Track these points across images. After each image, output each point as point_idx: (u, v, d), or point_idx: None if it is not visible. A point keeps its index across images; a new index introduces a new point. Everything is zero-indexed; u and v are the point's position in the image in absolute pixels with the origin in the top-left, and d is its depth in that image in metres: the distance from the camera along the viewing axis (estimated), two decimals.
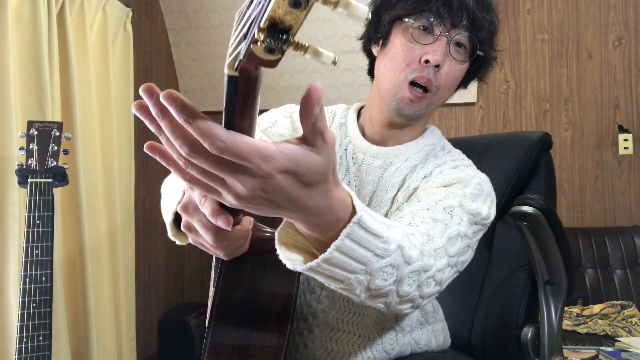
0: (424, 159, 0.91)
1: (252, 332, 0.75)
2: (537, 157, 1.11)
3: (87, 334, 1.84)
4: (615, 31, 2.69)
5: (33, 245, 1.27)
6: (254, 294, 0.75)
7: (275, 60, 0.33)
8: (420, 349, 0.93)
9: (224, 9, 2.75)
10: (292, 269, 0.53)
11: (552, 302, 1.02)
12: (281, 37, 0.31)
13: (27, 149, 1.34)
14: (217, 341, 0.74)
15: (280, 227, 0.56)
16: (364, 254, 0.52)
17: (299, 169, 0.40)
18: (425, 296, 0.67)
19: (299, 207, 0.44)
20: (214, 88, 2.98)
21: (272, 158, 0.39)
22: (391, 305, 0.63)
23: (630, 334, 2.07)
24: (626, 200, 2.66)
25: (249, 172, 0.39)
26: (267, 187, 0.41)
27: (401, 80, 0.84)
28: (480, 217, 0.80)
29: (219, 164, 0.39)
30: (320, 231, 0.50)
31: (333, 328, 0.87)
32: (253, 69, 0.36)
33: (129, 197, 2.26)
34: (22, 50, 1.63)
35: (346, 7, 0.30)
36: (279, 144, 0.40)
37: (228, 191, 0.42)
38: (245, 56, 0.33)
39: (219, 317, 0.73)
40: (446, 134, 1.04)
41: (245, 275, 0.74)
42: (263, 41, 0.31)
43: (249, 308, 0.74)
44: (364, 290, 0.57)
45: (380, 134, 0.93)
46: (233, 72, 0.36)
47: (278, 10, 0.30)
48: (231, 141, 0.37)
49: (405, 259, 0.59)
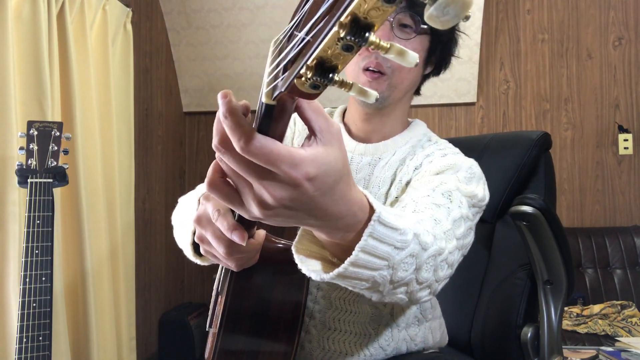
0: (411, 151, 0.93)
1: (262, 339, 0.75)
2: (536, 157, 1.12)
3: (87, 334, 1.84)
4: (615, 31, 2.69)
5: (33, 245, 1.27)
6: (263, 303, 0.75)
7: (316, 94, 0.34)
8: (416, 345, 0.93)
9: (224, 9, 2.75)
10: (319, 280, 0.53)
11: (551, 302, 1.03)
12: (328, 76, 0.31)
13: (27, 149, 1.34)
14: (226, 348, 0.74)
15: (296, 241, 0.56)
16: (385, 249, 0.52)
17: (323, 173, 0.40)
18: (441, 280, 0.67)
19: (323, 215, 0.44)
20: (214, 88, 2.98)
21: (301, 164, 0.38)
22: (412, 294, 0.64)
23: (630, 334, 2.07)
24: (626, 200, 2.66)
25: (278, 179, 0.39)
26: (294, 197, 0.40)
27: (357, 70, 0.88)
28: (477, 199, 0.82)
29: (247, 165, 0.39)
30: (340, 235, 0.50)
31: (330, 328, 0.88)
32: (290, 99, 0.37)
33: (129, 197, 2.27)
34: (22, 50, 1.63)
35: (399, 54, 0.30)
36: (301, 149, 0.40)
37: (254, 199, 0.42)
38: (287, 89, 0.33)
39: (229, 325, 0.73)
40: (446, 134, 1.04)
41: (256, 284, 0.74)
42: (309, 78, 0.31)
43: (259, 316, 0.75)
44: (387, 283, 0.57)
45: (363, 129, 0.95)
46: (271, 101, 0.36)
47: (328, 51, 0.29)
48: (259, 142, 0.37)
49: (422, 245, 0.59)
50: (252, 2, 2.71)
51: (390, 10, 0.27)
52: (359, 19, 0.27)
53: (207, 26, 2.82)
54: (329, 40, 0.28)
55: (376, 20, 0.28)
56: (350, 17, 0.27)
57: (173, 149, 2.96)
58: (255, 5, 2.72)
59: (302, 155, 0.39)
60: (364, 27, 0.28)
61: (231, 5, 2.74)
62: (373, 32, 0.28)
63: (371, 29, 0.28)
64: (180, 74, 2.96)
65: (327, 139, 0.41)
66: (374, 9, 0.27)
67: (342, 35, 0.28)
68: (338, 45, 0.29)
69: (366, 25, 0.28)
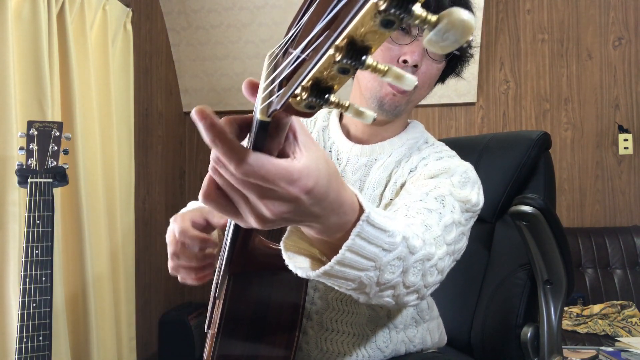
0: (407, 153, 0.93)
1: (260, 343, 0.75)
2: (536, 157, 1.12)
3: (87, 333, 1.84)
4: (615, 31, 2.69)
5: (33, 245, 1.27)
6: (261, 307, 0.75)
7: (311, 113, 0.33)
8: (414, 347, 0.93)
9: (224, 9, 2.76)
10: (305, 277, 0.53)
11: (551, 302, 1.02)
12: (323, 97, 0.31)
13: (27, 149, 1.34)
14: (225, 352, 0.74)
15: (285, 237, 0.56)
16: (372, 250, 0.52)
17: (317, 181, 0.40)
18: (429, 285, 0.67)
19: (316, 219, 0.44)
20: (214, 88, 2.98)
21: (299, 178, 0.38)
22: (399, 298, 0.64)
23: (630, 334, 2.07)
24: (626, 200, 2.66)
25: (276, 196, 0.39)
26: (292, 210, 0.41)
27: (381, 80, 0.86)
28: (470, 204, 0.81)
29: (243, 183, 0.39)
30: (329, 234, 0.50)
31: (327, 329, 0.88)
32: (285, 116, 0.36)
33: (129, 197, 2.27)
34: (22, 50, 1.64)
35: (396, 77, 0.29)
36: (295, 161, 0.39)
37: (251, 213, 0.42)
38: (282, 107, 0.32)
39: (227, 329, 0.73)
40: (446, 134, 1.05)
41: (253, 288, 0.74)
42: (305, 99, 0.30)
43: (257, 320, 0.75)
44: (374, 285, 0.57)
45: (363, 131, 0.95)
46: (265, 117, 0.35)
47: (324, 73, 0.29)
48: (255, 163, 0.37)
49: (410, 249, 0.59)
50: (252, 2, 2.71)
51: (388, 34, 0.26)
52: (355, 42, 0.27)
53: (207, 26, 2.82)
54: (324, 62, 0.28)
55: (373, 43, 0.27)
56: (347, 40, 0.26)
57: (173, 149, 2.96)
58: (255, 5, 2.72)
59: (298, 169, 0.38)
60: (361, 50, 0.27)
61: (231, 5, 2.74)
62: (370, 55, 0.27)
63: (368, 51, 0.27)
64: (180, 74, 2.96)
65: (306, 141, 0.41)
66: (370, 32, 0.26)
67: (338, 59, 0.27)
68: (334, 67, 0.28)
69: (363, 48, 0.27)
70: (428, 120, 2.86)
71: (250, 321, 0.75)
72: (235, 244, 0.69)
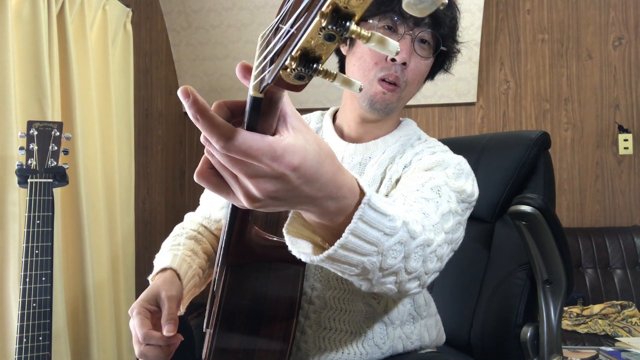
0: (401, 149, 0.95)
1: (257, 337, 0.75)
2: (535, 157, 1.12)
3: (87, 333, 1.84)
4: (615, 31, 2.69)
5: (33, 245, 1.27)
6: (258, 300, 0.75)
7: (301, 85, 0.35)
8: (412, 344, 0.93)
9: (224, 9, 2.76)
10: (309, 262, 0.53)
11: (551, 302, 1.03)
12: (312, 66, 0.32)
13: (27, 149, 1.35)
14: (221, 346, 0.74)
15: (287, 223, 0.56)
16: (374, 234, 0.52)
17: (304, 159, 0.40)
18: (430, 272, 0.68)
19: (311, 201, 0.45)
20: (214, 88, 2.98)
21: (283, 154, 0.39)
22: (401, 284, 0.64)
23: (630, 334, 2.07)
24: (626, 200, 2.66)
25: (262, 172, 0.40)
26: (280, 189, 0.41)
27: (371, 78, 0.89)
28: (466, 195, 0.83)
29: (230, 160, 0.40)
30: (330, 218, 0.50)
31: (325, 327, 0.88)
32: (277, 91, 0.37)
33: (129, 197, 2.27)
34: (22, 50, 1.64)
35: (379, 42, 0.31)
36: (281, 138, 0.40)
37: (241, 192, 0.42)
38: (273, 81, 0.34)
39: (224, 323, 0.73)
40: (446, 134, 1.06)
41: (250, 281, 0.74)
42: (294, 69, 0.32)
43: (254, 313, 0.75)
44: (377, 270, 0.58)
45: (356, 131, 0.97)
46: (258, 93, 0.37)
47: (311, 42, 0.31)
48: (238, 139, 0.38)
49: (410, 234, 0.60)
50: (252, 2, 2.71)
51: (369, 1, 0.28)
52: (339, 9, 0.28)
53: (207, 26, 2.82)
54: (311, 30, 0.29)
55: (357, 10, 0.29)
56: (331, 7, 0.28)
57: (173, 149, 2.96)
58: (255, 5, 2.72)
59: (283, 146, 0.39)
60: (345, 16, 0.29)
61: (231, 5, 2.74)
62: (354, 21, 0.29)
63: (352, 18, 0.29)
64: (180, 74, 2.97)
65: (295, 123, 0.41)
66: None
67: (324, 25, 0.29)
68: (320, 35, 0.30)
69: (347, 14, 0.29)
70: (428, 120, 2.86)
71: (247, 314, 0.75)
72: (232, 234, 0.70)
